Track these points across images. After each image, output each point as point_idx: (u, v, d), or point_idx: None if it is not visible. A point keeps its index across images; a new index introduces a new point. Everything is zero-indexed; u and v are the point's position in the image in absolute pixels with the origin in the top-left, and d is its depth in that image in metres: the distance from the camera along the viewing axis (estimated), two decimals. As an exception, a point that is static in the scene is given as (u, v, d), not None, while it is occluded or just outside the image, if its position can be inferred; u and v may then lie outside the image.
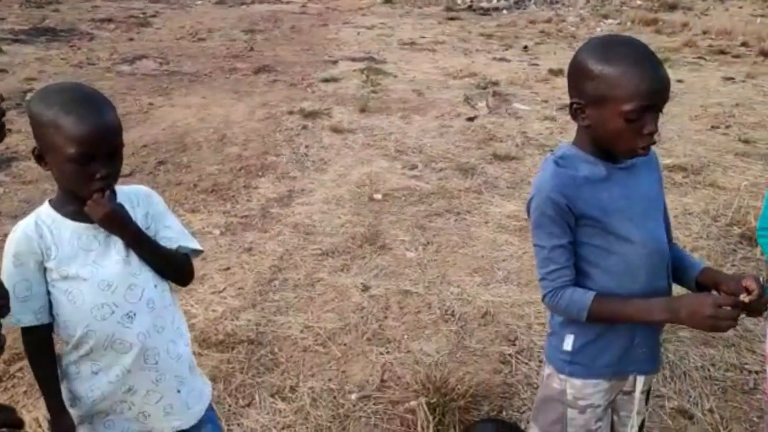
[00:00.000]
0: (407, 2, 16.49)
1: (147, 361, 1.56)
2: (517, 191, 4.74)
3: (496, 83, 7.99)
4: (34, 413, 2.61)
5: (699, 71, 9.27)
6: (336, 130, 6.11)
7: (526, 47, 10.66)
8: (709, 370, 2.74)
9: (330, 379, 2.76)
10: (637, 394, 1.64)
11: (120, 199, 1.55)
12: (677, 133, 6.08)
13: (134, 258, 1.54)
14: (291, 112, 6.63)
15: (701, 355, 2.83)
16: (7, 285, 1.40)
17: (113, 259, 1.52)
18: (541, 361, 2.76)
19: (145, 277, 1.56)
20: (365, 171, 5.10)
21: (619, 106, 1.39)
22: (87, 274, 1.50)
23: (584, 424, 1.64)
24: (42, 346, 1.56)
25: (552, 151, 1.61)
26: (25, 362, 2.91)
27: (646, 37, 12.02)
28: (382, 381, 2.76)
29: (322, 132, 6.08)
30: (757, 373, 2.72)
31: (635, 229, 1.50)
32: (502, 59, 9.71)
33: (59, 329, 1.54)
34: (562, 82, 7.93)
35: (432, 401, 2.51)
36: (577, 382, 1.61)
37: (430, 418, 2.44)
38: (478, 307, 3.24)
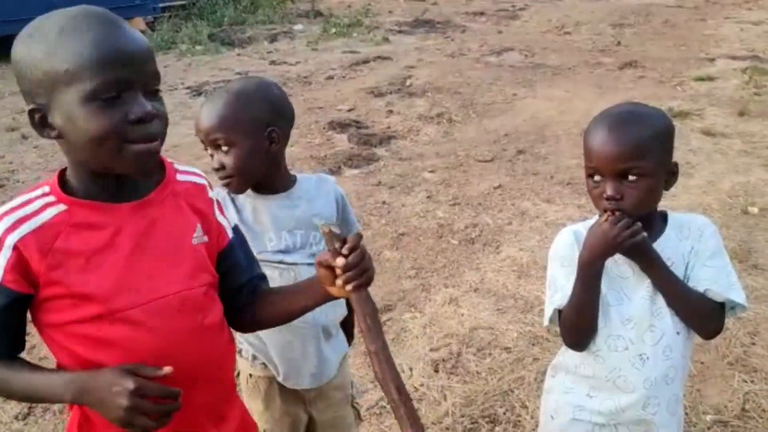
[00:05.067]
0: (807, -7, 14.25)
1: (646, 409, 1.50)
2: None
3: None
4: (400, 359, 2.96)
5: None
6: (708, 132, 5.63)
7: None
8: None
9: (684, 395, 2.60)
10: None
11: (670, 226, 1.49)
12: None
13: (660, 298, 1.47)
14: (657, 111, 6.28)
15: None
16: (553, 281, 1.54)
17: (641, 294, 1.47)
18: None
19: (667, 321, 1.47)
20: (740, 181, 4.62)
21: None
22: (613, 301, 1.49)
23: None
24: None
25: None
26: (392, 314, 3.33)
27: None
28: (744, 410, 2.51)
29: (691, 134, 5.65)
30: None
31: None
32: None
33: None
34: None
35: (806, 447, 2.22)
36: None
37: (804, 465, 2.15)
38: None
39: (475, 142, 5.84)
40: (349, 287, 1.16)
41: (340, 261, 1.15)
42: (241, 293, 1.34)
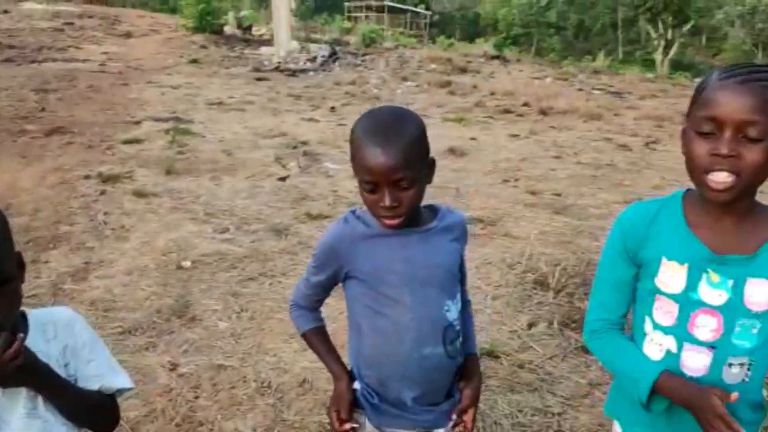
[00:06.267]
0: (214, 62, 16.36)
1: None
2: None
3: (306, 143, 8.10)
4: None
5: (489, 129, 10.12)
6: (139, 194, 5.77)
7: (333, 108, 10.99)
8: (516, 416, 2.87)
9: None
10: None
11: (32, 327, 1.31)
12: (474, 188, 6.53)
13: (42, 407, 1.29)
14: (88, 177, 6.17)
15: (509, 402, 2.97)
16: None
17: (18, 412, 1.28)
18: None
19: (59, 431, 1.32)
20: (172, 237, 4.85)
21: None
22: None
23: None
24: None
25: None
26: None
27: (440, 98, 12.96)
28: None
29: (124, 197, 5.71)
30: (560, 414, 2.90)
31: (409, 293, 1.52)
32: (310, 119, 9.89)
33: None
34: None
35: (250, 484, 2.37)
36: None
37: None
38: (295, 376, 3.15)
39: None
40: None
41: None
42: None
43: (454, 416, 1.61)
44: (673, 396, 1.37)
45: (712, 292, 1.34)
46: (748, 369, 1.38)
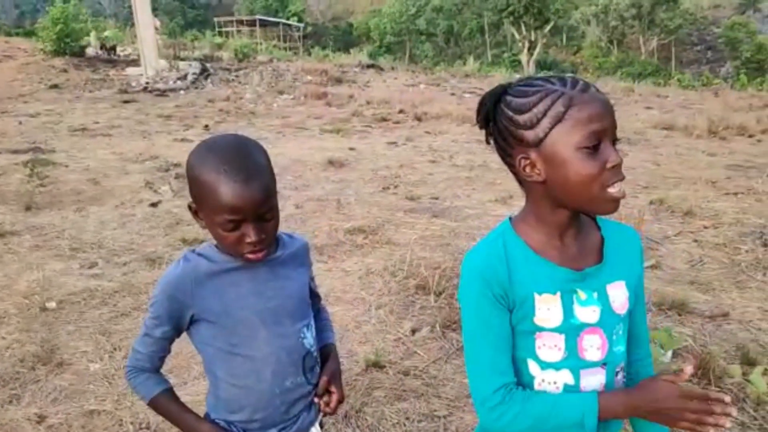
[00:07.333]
0: (76, 86, 15.54)
1: None
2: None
3: (178, 165, 7.82)
4: None
5: (367, 138, 10.22)
6: (-6, 234, 5.36)
7: (207, 126, 10.72)
8: (404, 424, 2.89)
9: None
10: None
11: None
12: (354, 198, 6.55)
13: None
14: (-66, 220, 5.66)
15: (396, 411, 2.98)
16: None
17: None
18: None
19: None
20: (34, 277, 4.51)
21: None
22: None
23: None
24: None
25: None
26: None
27: (318, 109, 12.96)
28: None
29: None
30: (446, 417, 2.94)
31: (264, 328, 1.46)
32: (183, 140, 9.59)
33: None
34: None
35: None
36: None
37: None
38: (175, 412, 3.01)
39: None
40: None
41: None
42: None
43: (317, 401, 1.56)
44: (618, 413, 1.26)
45: (586, 310, 1.31)
46: (624, 370, 1.39)
